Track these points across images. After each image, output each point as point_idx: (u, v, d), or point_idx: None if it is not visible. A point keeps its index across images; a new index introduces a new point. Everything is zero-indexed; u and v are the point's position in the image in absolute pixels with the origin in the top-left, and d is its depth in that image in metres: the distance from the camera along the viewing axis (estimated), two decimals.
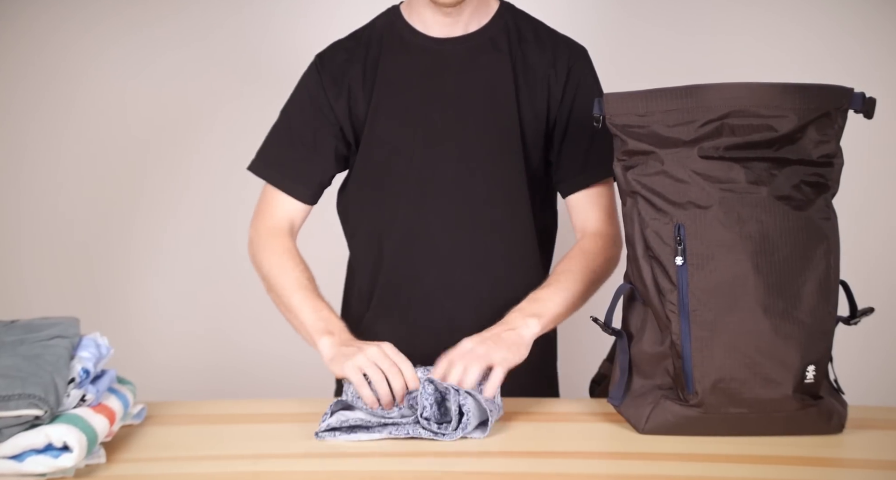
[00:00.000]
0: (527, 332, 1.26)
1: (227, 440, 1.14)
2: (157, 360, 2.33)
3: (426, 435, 1.12)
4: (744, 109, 1.10)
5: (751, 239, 1.09)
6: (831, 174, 1.14)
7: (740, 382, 1.09)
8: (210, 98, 2.35)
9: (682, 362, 1.11)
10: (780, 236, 1.09)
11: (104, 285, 2.39)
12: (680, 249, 1.11)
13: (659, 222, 1.13)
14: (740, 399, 1.10)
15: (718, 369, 1.10)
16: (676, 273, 1.11)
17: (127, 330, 2.36)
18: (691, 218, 1.11)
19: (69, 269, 2.39)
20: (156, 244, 2.39)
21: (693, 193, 1.11)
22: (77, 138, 2.37)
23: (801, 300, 1.09)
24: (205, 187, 2.37)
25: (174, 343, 2.39)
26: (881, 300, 1.34)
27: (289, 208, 1.44)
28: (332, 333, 1.28)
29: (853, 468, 1.06)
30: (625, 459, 1.08)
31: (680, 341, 1.11)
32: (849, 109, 1.13)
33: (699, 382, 1.10)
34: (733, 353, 1.09)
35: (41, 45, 2.33)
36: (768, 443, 1.09)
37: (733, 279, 1.09)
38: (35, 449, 0.97)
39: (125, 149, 2.37)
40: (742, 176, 1.10)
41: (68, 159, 2.37)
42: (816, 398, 1.12)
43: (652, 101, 1.13)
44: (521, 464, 1.06)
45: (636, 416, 1.15)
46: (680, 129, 1.12)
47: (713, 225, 1.10)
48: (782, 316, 1.09)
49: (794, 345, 1.09)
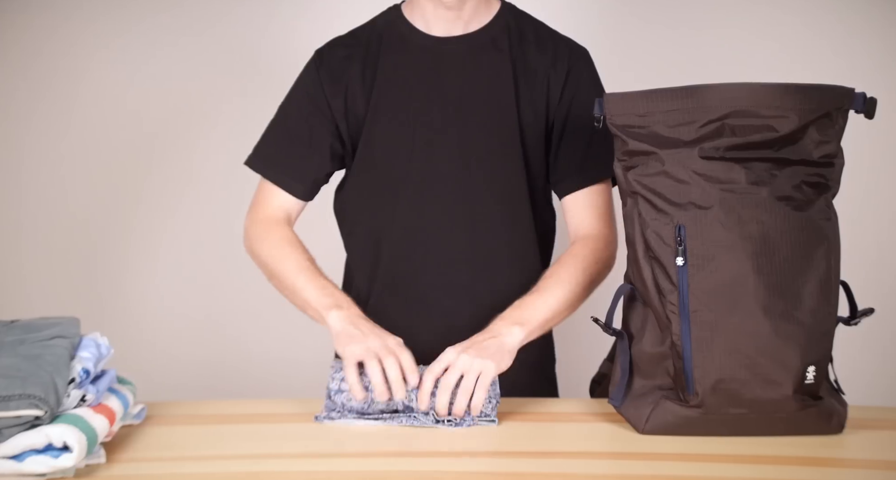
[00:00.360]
0: (510, 340, 1.24)
1: (227, 440, 1.14)
2: (157, 360, 2.32)
3: (428, 423, 1.13)
4: (744, 109, 1.10)
5: (751, 240, 1.09)
6: (832, 174, 1.13)
7: (741, 382, 1.09)
8: (211, 96, 2.35)
9: (682, 362, 1.11)
10: (780, 237, 1.09)
11: (104, 284, 2.39)
12: (680, 249, 1.11)
13: (659, 222, 1.13)
14: (740, 400, 1.10)
15: (719, 369, 1.09)
16: (677, 274, 1.11)
17: (127, 330, 2.36)
18: (692, 219, 1.11)
19: (69, 268, 2.38)
20: (156, 244, 2.39)
21: (694, 193, 1.11)
22: (77, 137, 2.36)
23: (801, 301, 1.09)
24: (206, 186, 2.37)
25: (174, 343, 2.38)
26: (881, 301, 1.34)
27: (284, 203, 1.44)
28: (341, 307, 1.28)
29: (853, 468, 1.06)
30: (625, 459, 1.08)
31: (680, 341, 1.11)
32: (850, 109, 1.13)
33: (699, 382, 1.10)
34: (734, 354, 1.09)
35: (41, 43, 2.33)
36: (768, 443, 1.09)
37: (734, 280, 1.09)
38: (35, 449, 0.97)
39: (126, 148, 2.37)
40: (742, 176, 1.10)
41: (68, 158, 2.37)
42: (816, 399, 1.12)
43: (652, 101, 1.12)
44: (521, 464, 1.06)
45: (636, 416, 1.15)
46: (680, 129, 1.11)
47: (714, 226, 1.10)
48: (783, 317, 1.09)
49: (795, 346, 1.09)
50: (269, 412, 1.25)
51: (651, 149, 1.13)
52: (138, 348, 2.29)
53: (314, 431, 1.15)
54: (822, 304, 1.10)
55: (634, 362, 1.17)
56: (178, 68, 2.33)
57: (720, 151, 1.11)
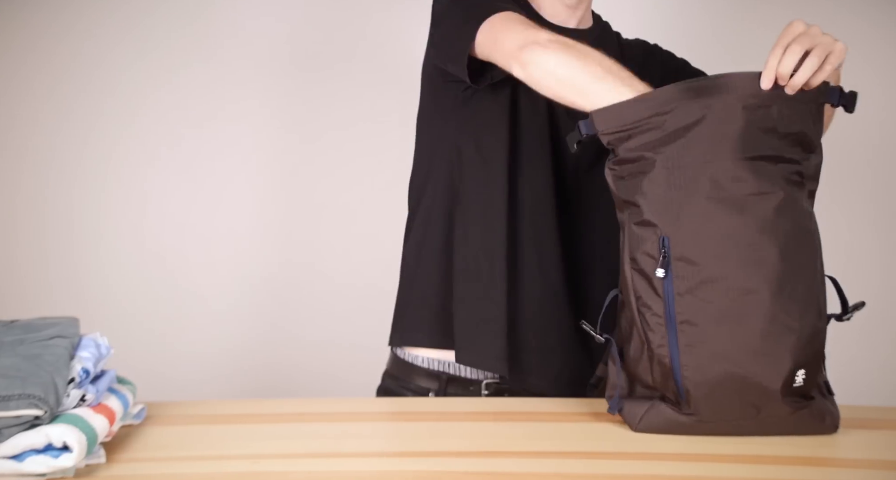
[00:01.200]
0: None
1: (227, 440, 1.14)
2: (157, 360, 2.33)
3: None
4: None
5: (737, 244, 1.08)
6: (810, 171, 1.12)
7: (731, 390, 1.09)
8: (211, 95, 2.36)
9: (671, 371, 1.11)
10: (767, 241, 1.08)
11: (104, 284, 2.39)
12: (664, 259, 1.10)
13: (645, 229, 1.12)
14: (732, 407, 1.10)
15: (708, 379, 1.09)
16: (662, 283, 1.10)
17: (126, 330, 2.36)
18: (675, 225, 1.10)
19: (69, 268, 2.39)
20: (156, 243, 2.39)
21: (679, 198, 1.10)
22: (77, 136, 2.37)
23: (790, 305, 1.08)
24: (208, 187, 2.38)
25: (175, 343, 2.39)
26: (878, 300, 1.34)
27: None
28: None
29: (851, 468, 1.06)
30: (624, 459, 1.08)
31: (668, 350, 1.11)
32: (825, 103, 1.12)
33: (690, 392, 1.10)
34: (722, 361, 1.08)
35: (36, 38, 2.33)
36: (767, 443, 1.10)
37: (719, 288, 1.08)
38: (35, 449, 0.97)
39: (128, 148, 2.37)
40: (729, 180, 1.09)
41: (68, 157, 2.37)
42: (808, 399, 1.12)
43: (638, 108, 1.11)
44: (521, 464, 1.06)
45: (631, 414, 1.16)
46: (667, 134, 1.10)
47: (699, 231, 1.09)
48: (771, 321, 1.07)
49: (785, 351, 1.07)
50: (270, 412, 1.25)
51: (639, 155, 1.12)
52: (138, 348, 2.29)
53: (314, 431, 1.15)
54: (811, 307, 1.09)
55: (628, 366, 1.17)
56: (177, 66, 2.34)
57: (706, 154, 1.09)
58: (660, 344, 1.11)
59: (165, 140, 2.37)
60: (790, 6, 2.17)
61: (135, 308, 2.38)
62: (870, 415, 1.23)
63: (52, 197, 2.37)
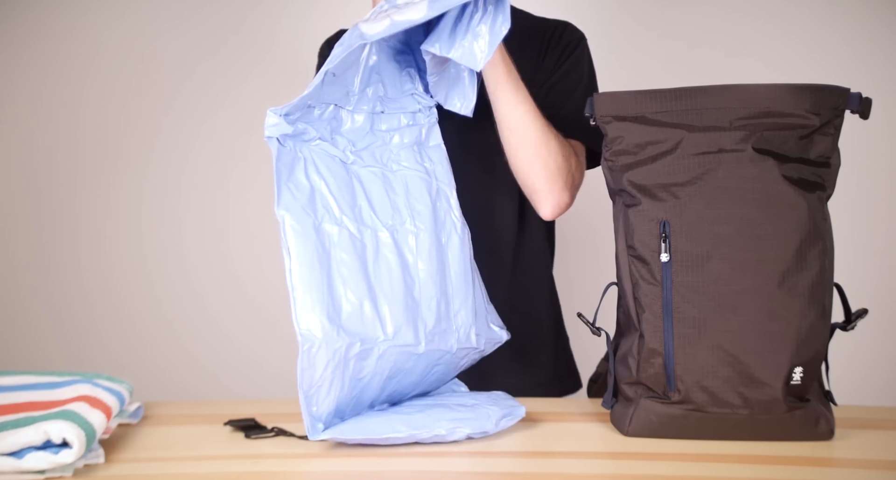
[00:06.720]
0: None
1: (227, 440, 1.14)
2: (157, 360, 2.33)
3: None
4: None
5: (741, 237, 1.08)
6: (828, 175, 1.13)
7: (724, 380, 1.09)
8: (210, 94, 2.36)
9: (664, 359, 1.11)
10: (773, 235, 1.08)
11: (104, 284, 2.39)
12: (665, 246, 1.10)
13: (644, 218, 1.12)
14: (723, 399, 1.09)
15: (702, 367, 1.09)
16: (661, 271, 1.11)
17: (126, 330, 2.36)
18: (678, 216, 1.10)
19: (69, 268, 2.39)
20: (156, 244, 2.39)
21: (681, 191, 1.10)
22: (77, 136, 2.37)
23: (791, 301, 1.08)
24: (202, 187, 2.38)
25: (174, 343, 2.39)
26: (877, 301, 1.34)
27: None
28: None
29: (849, 468, 1.06)
30: (623, 459, 1.08)
31: (663, 338, 1.11)
32: (845, 109, 1.13)
33: (681, 379, 1.10)
34: (718, 351, 1.08)
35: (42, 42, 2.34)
36: (766, 443, 1.10)
37: (720, 277, 1.08)
38: (34, 446, 0.97)
39: (125, 147, 2.38)
40: (734, 173, 1.09)
41: (68, 157, 2.37)
42: (803, 400, 1.11)
43: (642, 102, 1.12)
44: (521, 464, 1.07)
45: (620, 418, 1.15)
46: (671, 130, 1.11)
47: (700, 223, 1.09)
48: (771, 316, 1.08)
49: (782, 346, 1.08)
50: (269, 412, 1.25)
51: (638, 147, 1.12)
52: (138, 348, 2.29)
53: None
54: (814, 305, 1.09)
55: (621, 358, 1.17)
56: (176, 66, 2.34)
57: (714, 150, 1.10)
58: (655, 330, 1.11)
59: (165, 140, 2.37)
60: (790, 6, 2.18)
61: (134, 308, 2.38)
62: (869, 415, 1.23)
63: (52, 197, 2.37)
